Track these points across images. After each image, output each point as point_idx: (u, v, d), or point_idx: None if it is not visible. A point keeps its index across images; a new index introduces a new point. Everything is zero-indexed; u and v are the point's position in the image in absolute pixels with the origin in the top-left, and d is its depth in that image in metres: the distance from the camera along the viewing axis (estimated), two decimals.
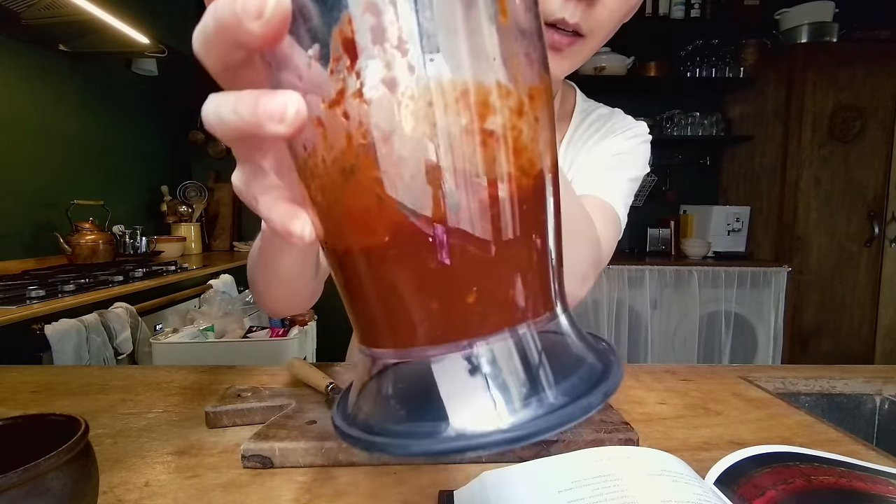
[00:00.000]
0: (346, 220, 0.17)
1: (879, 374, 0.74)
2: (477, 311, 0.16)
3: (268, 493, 0.41)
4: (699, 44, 2.71)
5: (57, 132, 1.98)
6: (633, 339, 2.48)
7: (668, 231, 2.81)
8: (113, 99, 2.29)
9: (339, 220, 0.17)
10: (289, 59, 0.16)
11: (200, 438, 0.51)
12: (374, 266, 0.16)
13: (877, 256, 2.48)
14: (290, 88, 0.15)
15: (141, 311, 1.47)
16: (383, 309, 0.17)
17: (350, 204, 0.16)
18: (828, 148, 2.45)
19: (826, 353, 2.52)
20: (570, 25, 0.49)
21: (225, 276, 1.95)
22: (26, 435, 0.34)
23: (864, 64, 2.40)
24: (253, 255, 0.48)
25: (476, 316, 0.16)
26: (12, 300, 1.21)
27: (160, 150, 2.67)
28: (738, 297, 2.47)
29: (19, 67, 1.81)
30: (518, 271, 0.16)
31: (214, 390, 0.63)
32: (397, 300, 0.16)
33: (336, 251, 0.18)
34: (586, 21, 0.50)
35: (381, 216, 0.15)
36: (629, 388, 0.67)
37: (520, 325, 0.16)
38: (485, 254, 0.16)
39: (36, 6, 1.52)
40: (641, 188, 2.84)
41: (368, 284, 0.17)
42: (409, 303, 0.16)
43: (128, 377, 0.69)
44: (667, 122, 2.82)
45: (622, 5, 0.53)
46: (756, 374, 0.74)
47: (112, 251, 1.96)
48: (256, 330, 1.45)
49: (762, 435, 0.53)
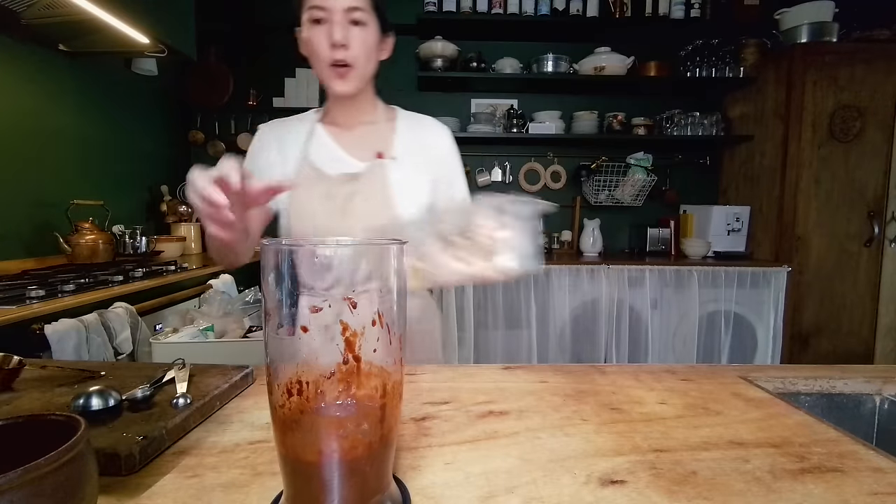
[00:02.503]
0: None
1: (879, 374, 0.75)
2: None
3: (268, 493, 0.41)
4: (699, 44, 2.71)
5: (57, 132, 1.98)
6: (633, 339, 2.48)
7: (668, 231, 2.81)
8: (113, 99, 2.29)
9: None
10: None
11: (200, 438, 0.51)
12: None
13: (877, 256, 2.48)
14: None
15: (141, 311, 1.47)
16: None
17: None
18: (828, 148, 2.45)
19: (826, 352, 2.52)
20: (342, 65, 0.83)
21: (225, 276, 1.95)
22: (26, 435, 0.34)
23: (864, 64, 2.40)
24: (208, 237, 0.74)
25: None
26: (12, 300, 1.21)
27: (160, 150, 2.67)
28: (737, 297, 2.47)
29: (19, 67, 1.81)
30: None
31: None
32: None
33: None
34: (349, 57, 0.83)
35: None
36: (629, 388, 0.67)
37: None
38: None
39: (36, 6, 1.52)
40: (641, 188, 2.85)
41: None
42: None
43: None
44: (667, 122, 2.82)
45: (368, 47, 0.84)
46: (756, 374, 0.74)
47: (112, 251, 1.96)
48: (256, 330, 1.45)
49: (762, 435, 0.53)
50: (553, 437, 0.52)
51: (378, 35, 0.86)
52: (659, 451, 0.49)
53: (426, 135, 0.96)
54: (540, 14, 2.63)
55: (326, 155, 0.91)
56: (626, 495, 0.41)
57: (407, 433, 0.53)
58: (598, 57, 2.67)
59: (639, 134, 2.79)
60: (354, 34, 0.82)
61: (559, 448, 0.49)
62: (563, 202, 2.98)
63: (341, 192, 0.88)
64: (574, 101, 2.90)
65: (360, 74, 0.86)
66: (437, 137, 0.97)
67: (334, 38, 0.80)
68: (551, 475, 0.44)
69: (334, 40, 0.81)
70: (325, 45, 0.82)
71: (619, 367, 0.78)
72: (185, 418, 0.52)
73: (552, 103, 2.89)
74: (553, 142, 2.92)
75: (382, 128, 0.95)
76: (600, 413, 0.59)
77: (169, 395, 0.56)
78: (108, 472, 0.42)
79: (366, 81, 0.89)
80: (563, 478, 0.44)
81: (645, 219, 2.94)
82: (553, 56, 2.68)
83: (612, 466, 0.46)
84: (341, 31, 0.81)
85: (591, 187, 2.91)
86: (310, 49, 0.85)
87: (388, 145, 0.93)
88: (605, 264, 2.44)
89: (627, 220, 3.03)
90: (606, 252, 2.84)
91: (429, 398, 0.63)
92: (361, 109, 0.94)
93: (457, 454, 0.48)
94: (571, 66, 2.71)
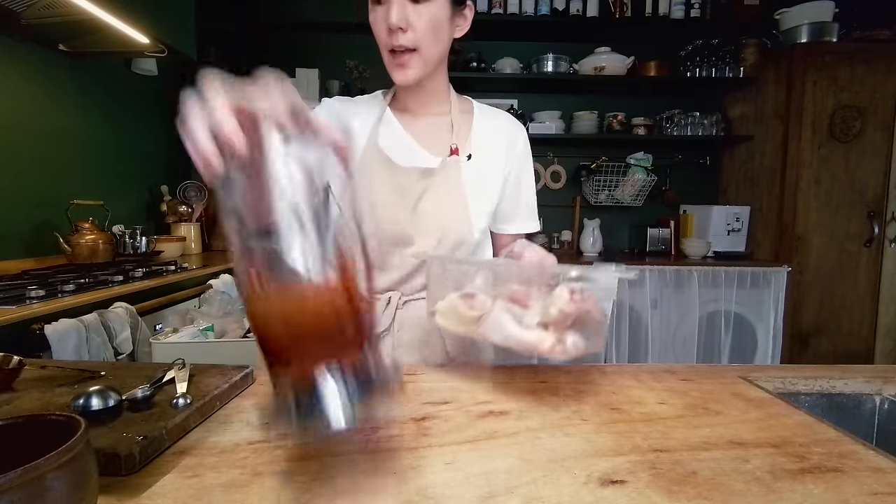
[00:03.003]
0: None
1: (879, 374, 0.75)
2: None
3: (268, 493, 0.41)
4: (699, 44, 2.71)
5: (57, 132, 1.98)
6: (633, 339, 2.48)
7: (668, 231, 2.81)
8: (113, 99, 2.29)
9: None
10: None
11: (200, 438, 0.51)
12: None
13: (877, 256, 2.48)
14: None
15: (141, 311, 1.47)
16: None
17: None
18: (828, 148, 2.45)
19: (826, 352, 2.52)
20: (401, 51, 0.74)
21: (225, 276, 1.95)
22: (26, 435, 0.34)
23: (864, 64, 2.40)
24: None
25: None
26: (12, 300, 1.21)
27: (160, 150, 2.67)
28: (737, 297, 2.47)
29: (19, 67, 1.81)
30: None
31: None
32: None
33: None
34: (407, 40, 0.73)
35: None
36: (629, 388, 0.67)
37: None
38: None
39: (36, 6, 1.52)
40: (641, 188, 2.85)
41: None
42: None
43: None
44: (667, 122, 2.82)
45: (435, 26, 0.74)
46: (756, 374, 0.74)
47: (112, 251, 1.96)
48: None
49: (762, 435, 0.53)
50: (553, 437, 0.52)
51: (449, 9, 0.75)
52: (659, 451, 0.49)
53: (503, 131, 0.90)
54: (540, 14, 2.63)
55: (397, 143, 0.84)
56: (626, 495, 0.41)
57: (407, 433, 0.53)
58: (598, 57, 2.67)
59: (639, 134, 2.79)
60: (417, 13, 0.72)
61: (559, 448, 0.49)
62: (563, 202, 2.98)
63: (414, 187, 0.81)
64: (574, 101, 2.90)
65: (424, 60, 0.76)
66: (515, 135, 0.90)
67: (390, 20, 0.71)
68: (551, 475, 0.44)
69: (390, 23, 0.71)
70: (383, 28, 0.73)
71: (618, 367, 0.78)
72: (185, 418, 0.52)
73: (552, 103, 2.89)
74: (553, 142, 2.92)
75: (457, 120, 0.87)
76: (600, 413, 0.59)
77: (169, 395, 0.56)
78: (108, 472, 0.42)
79: (434, 66, 0.79)
80: (563, 478, 0.44)
81: (645, 219, 2.94)
82: (553, 56, 2.68)
83: (612, 466, 0.46)
84: (398, 12, 0.71)
85: (591, 187, 2.91)
86: (373, 31, 0.76)
87: (463, 140, 0.86)
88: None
89: (627, 220, 3.03)
90: (606, 252, 2.84)
91: (429, 398, 0.63)
92: (433, 98, 0.86)
93: (457, 454, 0.48)
94: (571, 66, 2.71)
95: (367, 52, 2.71)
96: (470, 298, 0.60)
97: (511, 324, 0.57)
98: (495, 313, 0.58)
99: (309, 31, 2.84)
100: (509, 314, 0.58)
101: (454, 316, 0.62)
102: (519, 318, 0.57)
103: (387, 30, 0.72)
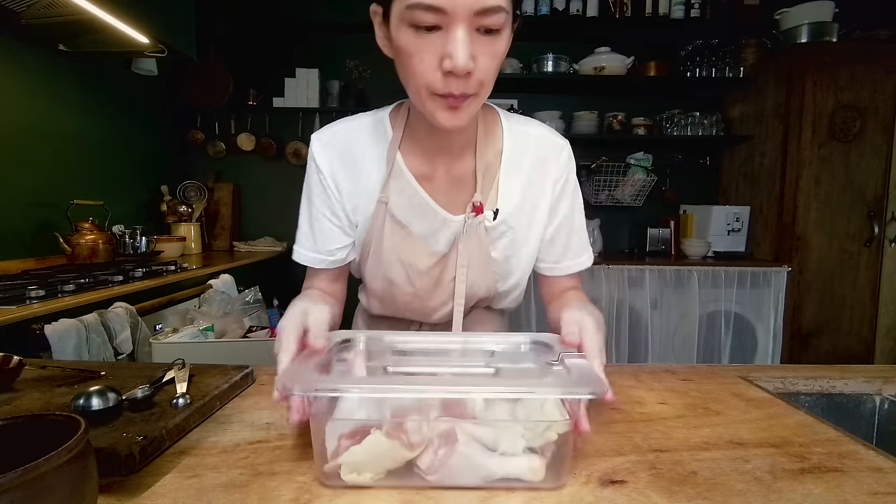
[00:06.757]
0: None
1: (879, 374, 0.75)
2: None
3: (268, 493, 0.41)
4: (699, 44, 2.71)
5: (57, 132, 1.98)
6: (633, 339, 2.48)
7: (668, 231, 2.81)
8: (112, 99, 2.29)
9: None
10: None
11: (200, 438, 0.51)
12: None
13: (877, 256, 2.48)
14: None
15: (141, 311, 1.47)
16: None
17: None
18: (828, 148, 2.45)
19: (826, 352, 2.52)
20: (458, 96, 0.55)
21: (225, 276, 1.95)
22: (26, 435, 0.34)
23: (864, 64, 2.40)
24: None
25: None
26: (12, 300, 1.21)
27: (160, 150, 2.67)
28: (737, 297, 2.46)
29: (19, 67, 1.81)
30: None
31: None
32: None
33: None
34: (469, 87, 0.55)
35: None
36: (629, 388, 0.67)
37: None
38: None
39: (36, 6, 1.52)
40: (641, 188, 2.84)
41: None
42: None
43: None
44: (667, 122, 2.82)
45: (498, 63, 0.56)
46: (756, 374, 0.74)
47: (112, 251, 1.96)
48: (256, 330, 1.45)
49: (762, 435, 0.53)
50: None
51: (510, 38, 0.56)
52: (659, 451, 0.49)
53: (541, 162, 0.72)
54: (540, 14, 2.63)
55: (409, 202, 0.69)
56: (626, 495, 0.41)
57: None
58: (598, 57, 2.67)
59: (639, 134, 2.79)
60: (483, 50, 0.53)
61: None
62: None
63: (431, 259, 0.71)
64: (574, 101, 2.90)
65: (480, 101, 0.59)
66: (557, 164, 0.73)
67: (458, 62, 0.51)
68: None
69: (456, 66, 0.51)
70: (434, 66, 0.53)
71: (618, 367, 0.78)
72: (185, 418, 0.52)
73: (552, 103, 2.89)
74: None
75: (482, 155, 0.70)
76: (600, 413, 0.58)
77: (169, 395, 0.56)
78: (108, 472, 0.42)
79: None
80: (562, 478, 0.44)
81: (645, 219, 2.94)
82: (553, 56, 2.68)
83: (612, 466, 0.46)
84: (466, 51, 0.51)
85: (591, 187, 2.91)
86: (404, 62, 0.55)
87: (488, 188, 0.70)
88: (605, 264, 2.44)
89: (627, 220, 3.03)
90: (606, 252, 2.84)
91: None
92: (461, 137, 0.69)
93: None
94: (571, 66, 2.71)
95: (367, 52, 2.71)
96: (398, 430, 0.43)
97: (486, 457, 0.42)
98: (459, 451, 0.42)
99: (309, 31, 2.84)
100: (476, 444, 0.43)
101: (377, 460, 0.42)
102: (491, 445, 0.43)
103: (439, 68, 0.53)
